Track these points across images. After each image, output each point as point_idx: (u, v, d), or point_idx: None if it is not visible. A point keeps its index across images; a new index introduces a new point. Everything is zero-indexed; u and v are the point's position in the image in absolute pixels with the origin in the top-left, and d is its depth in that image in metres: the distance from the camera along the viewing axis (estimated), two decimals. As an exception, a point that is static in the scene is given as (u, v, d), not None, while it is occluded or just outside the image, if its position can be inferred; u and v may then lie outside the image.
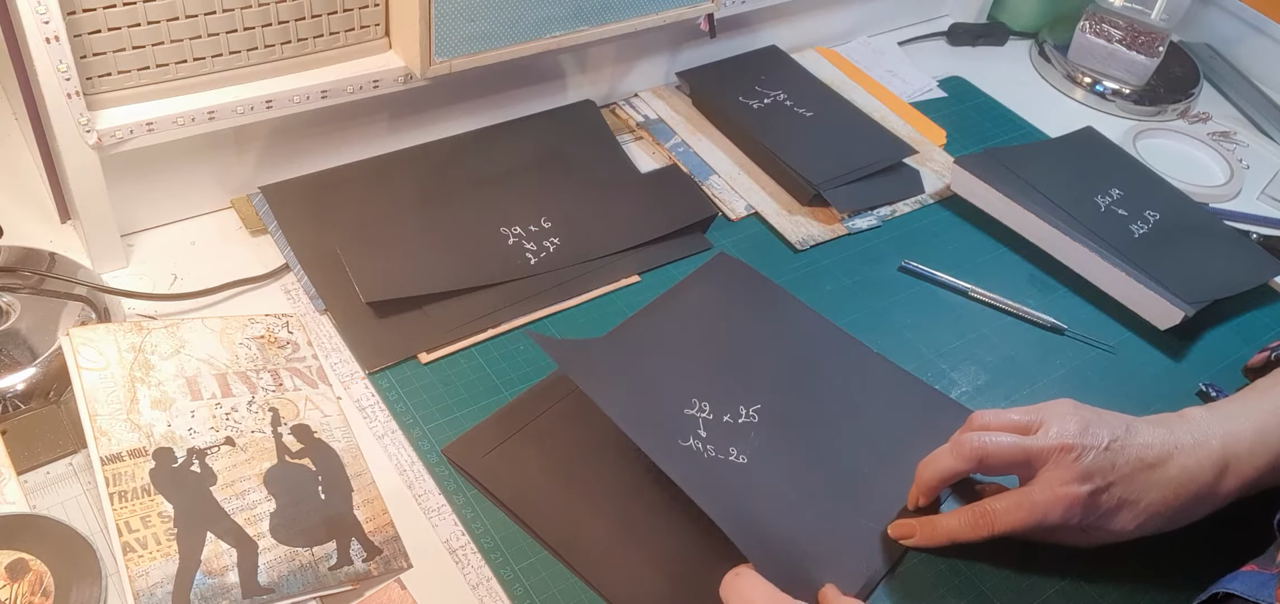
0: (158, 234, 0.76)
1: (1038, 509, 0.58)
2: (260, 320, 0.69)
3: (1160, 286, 0.80)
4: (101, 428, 0.58)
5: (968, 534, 0.60)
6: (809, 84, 1.00)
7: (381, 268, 0.73)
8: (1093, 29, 1.08)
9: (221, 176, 0.77)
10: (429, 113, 0.85)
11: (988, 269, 0.85)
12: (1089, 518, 0.58)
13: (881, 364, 0.74)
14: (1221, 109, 1.11)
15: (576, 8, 0.79)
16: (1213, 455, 0.59)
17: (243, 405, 0.63)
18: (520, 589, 0.59)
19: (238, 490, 0.59)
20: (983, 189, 0.88)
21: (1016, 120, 1.04)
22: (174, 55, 0.69)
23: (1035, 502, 0.58)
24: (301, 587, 0.56)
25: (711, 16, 0.90)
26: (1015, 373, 0.76)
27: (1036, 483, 0.59)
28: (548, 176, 0.84)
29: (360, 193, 0.79)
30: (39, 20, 0.61)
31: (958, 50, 1.14)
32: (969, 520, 0.60)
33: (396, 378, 0.69)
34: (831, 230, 0.86)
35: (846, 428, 0.69)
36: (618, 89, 0.96)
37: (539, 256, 0.77)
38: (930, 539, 0.62)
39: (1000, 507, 0.60)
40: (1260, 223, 0.94)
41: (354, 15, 0.75)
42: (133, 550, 0.54)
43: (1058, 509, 0.58)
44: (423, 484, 0.63)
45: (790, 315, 0.77)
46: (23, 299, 0.66)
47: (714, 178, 0.89)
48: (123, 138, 0.68)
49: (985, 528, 0.60)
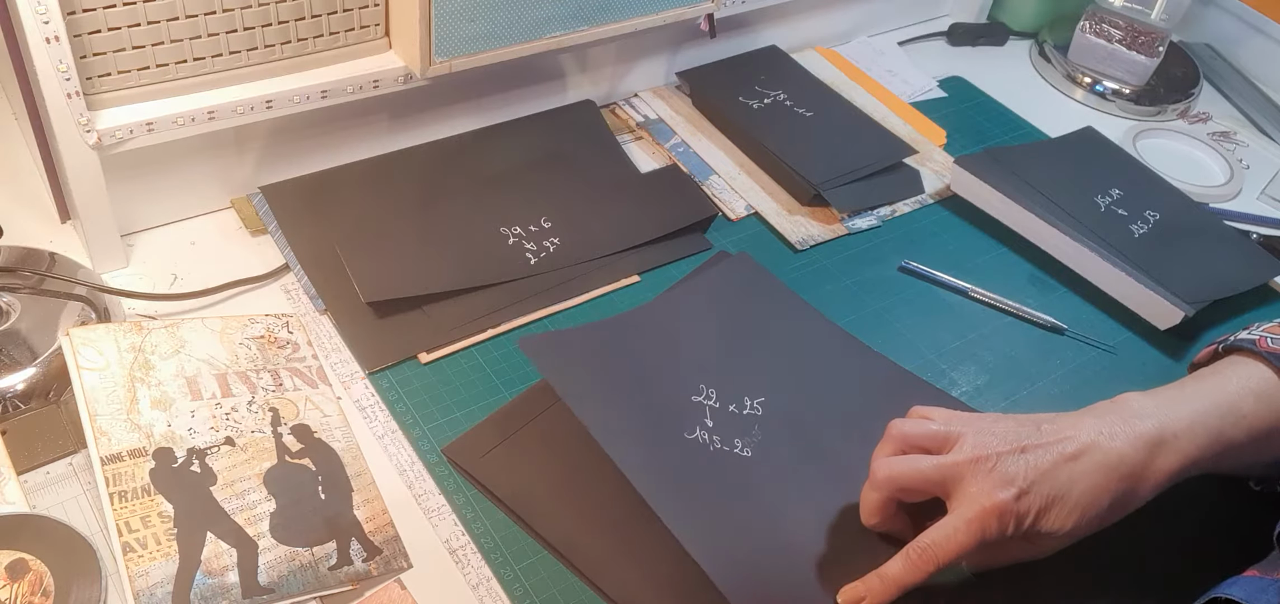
0: (158, 234, 0.76)
1: (973, 528, 0.55)
2: (260, 320, 0.69)
3: (1160, 287, 0.80)
4: (101, 428, 0.58)
5: (914, 576, 0.56)
6: (809, 84, 1.00)
7: (381, 268, 0.73)
8: (1093, 29, 1.08)
9: (221, 176, 0.77)
10: (429, 113, 0.85)
11: (988, 269, 0.85)
12: (1022, 525, 0.56)
13: (884, 364, 0.74)
14: (1221, 109, 1.11)
15: (576, 8, 0.79)
16: (1145, 435, 0.58)
17: (243, 405, 0.63)
18: (520, 589, 0.59)
19: (238, 490, 0.59)
20: (983, 189, 0.88)
21: (1016, 120, 1.04)
22: (174, 55, 0.69)
23: (967, 521, 0.56)
24: (301, 587, 0.56)
25: (711, 16, 0.90)
26: (1015, 373, 0.76)
27: (962, 502, 0.57)
28: (548, 176, 0.84)
29: (360, 193, 0.79)
30: (39, 20, 0.61)
31: (958, 50, 1.14)
32: (912, 561, 0.56)
33: (396, 378, 0.69)
34: (831, 230, 0.86)
35: (848, 425, 0.69)
36: (618, 89, 0.96)
37: (539, 256, 0.77)
38: (882, 595, 0.57)
39: (937, 538, 0.56)
40: (1260, 223, 0.94)
41: (354, 15, 0.75)
42: (133, 550, 0.54)
43: (991, 523, 0.55)
44: (423, 484, 0.63)
45: (796, 314, 0.77)
46: (23, 299, 0.66)
47: (714, 178, 0.89)
48: (123, 138, 0.68)
49: (929, 562, 0.56)
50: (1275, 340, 0.63)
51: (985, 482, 0.56)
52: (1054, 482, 0.57)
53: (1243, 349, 0.64)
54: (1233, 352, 0.65)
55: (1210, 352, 0.67)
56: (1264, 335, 0.64)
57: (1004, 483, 0.56)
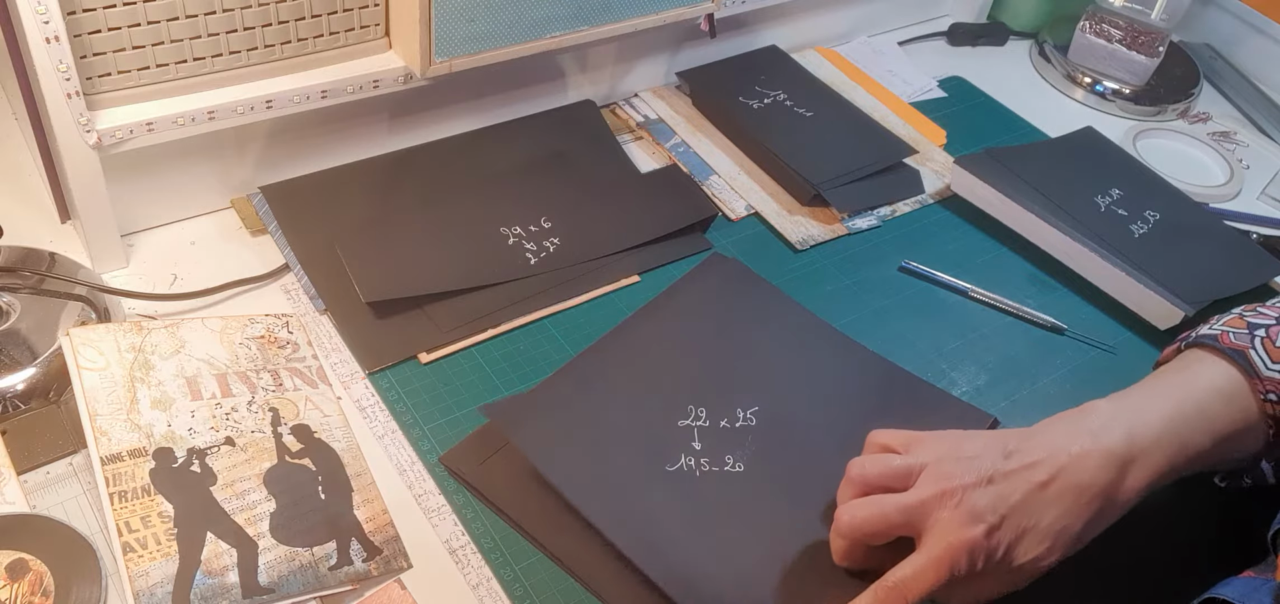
0: (158, 234, 0.76)
1: (941, 565, 0.53)
2: (260, 320, 0.69)
3: (1160, 286, 0.80)
4: (101, 428, 0.58)
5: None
6: (809, 84, 1.00)
7: (381, 268, 0.73)
8: (1093, 29, 1.08)
9: (221, 176, 0.77)
10: (429, 113, 0.85)
11: (988, 269, 0.85)
12: (993, 559, 0.54)
13: (879, 363, 0.74)
14: (1221, 109, 1.11)
15: (576, 8, 0.79)
16: (1114, 452, 0.56)
17: (243, 405, 0.63)
18: (520, 589, 0.59)
19: (238, 490, 0.59)
20: (983, 189, 0.88)
21: (1016, 120, 1.04)
22: (174, 55, 0.69)
23: (936, 559, 0.53)
24: (301, 587, 0.56)
25: (711, 16, 0.90)
26: (1015, 373, 0.76)
27: (930, 537, 0.54)
28: (548, 176, 0.84)
29: (360, 193, 0.79)
30: (39, 20, 0.61)
31: (958, 50, 1.14)
32: (880, 598, 0.54)
33: (396, 378, 0.69)
34: (831, 230, 0.86)
35: (845, 428, 0.68)
36: (618, 89, 0.96)
37: (539, 256, 0.77)
38: None
39: (906, 575, 0.54)
40: (1260, 223, 0.94)
41: (354, 15, 0.75)
42: (133, 550, 0.54)
43: (960, 559, 0.53)
44: (423, 484, 0.63)
45: (785, 314, 0.76)
46: (23, 299, 0.66)
47: (714, 178, 0.89)
48: (123, 138, 0.68)
49: (898, 601, 0.54)
50: (1238, 335, 0.62)
51: (952, 517, 0.54)
52: (1025, 513, 0.55)
53: (1205, 345, 0.63)
54: (1196, 347, 0.64)
55: (1174, 349, 0.66)
56: (1226, 330, 0.63)
57: (972, 518, 0.54)
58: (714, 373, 0.70)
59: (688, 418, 0.67)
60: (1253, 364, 0.60)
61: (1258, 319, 0.63)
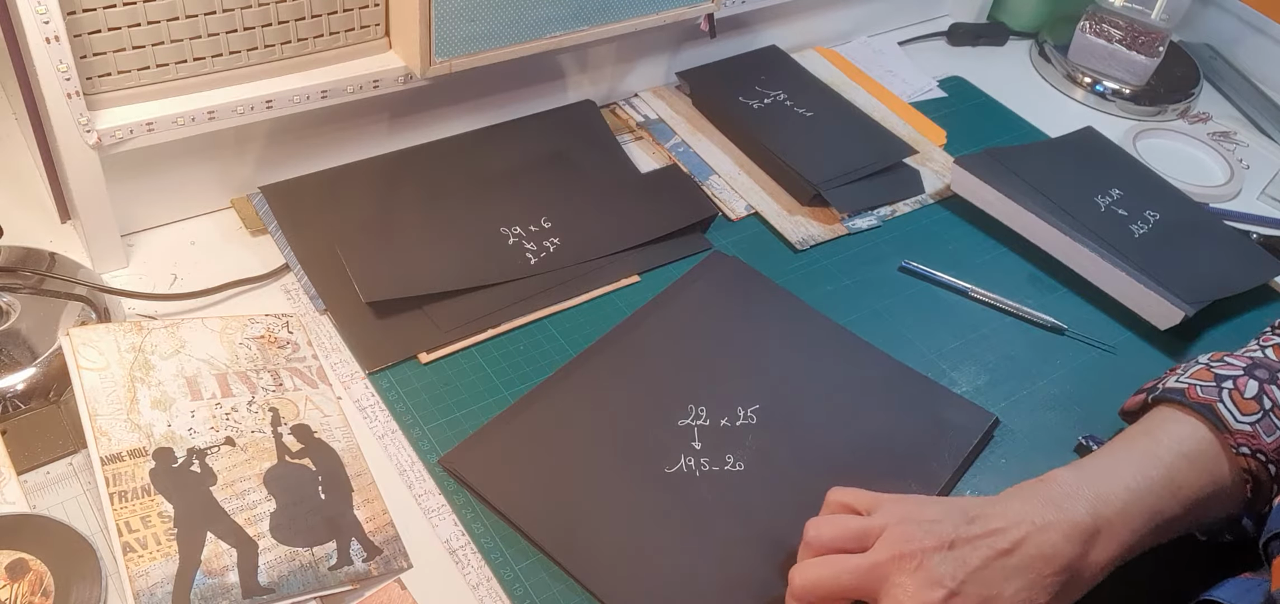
0: (158, 234, 0.76)
1: None
2: (260, 320, 0.69)
3: (1160, 287, 0.80)
4: (101, 428, 0.58)
5: None
6: (809, 84, 1.00)
7: (381, 268, 0.73)
8: (1093, 29, 1.08)
9: (221, 176, 0.77)
10: (429, 113, 0.85)
11: (988, 269, 0.85)
12: None
13: (880, 358, 0.74)
14: (1221, 109, 1.11)
15: (576, 8, 0.79)
16: (1080, 526, 0.54)
17: (243, 405, 0.63)
18: (520, 589, 0.59)
19: (238, 490, 0.59)
20: (983, 189, 0.88)
21: (1016, 120, 1.04)
22: (174, 55, 0.69)
23: None
24: (301, 587, 0.56)
25: (711, 16, 0.90)
26: (1015, 373, 0.76)
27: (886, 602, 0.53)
28: (548, 176, 0.84)
29: (360, 193, 0.79)
30: (39, 20, 0.61)
31: (958, 50, 1.14)
32: None
33: (396, 378, 0.69)
34: (831, 230, 0.86)
35: (847, 424, 0.69)
36: (618, 89, 0.96)
37: (539, 256, 0.77)
38: None
39: None
40: (1260, 223, 0.94)
41: (354, 15, 0.75)
42: (133, 550, 0.54)
43: None
44: (423, 484, 0.63)
45: (786, 311, 0.77)
46: (23, 299, 0.66)
47: (714, 178, 0.89)
48: (123, 138, 0.68)
49: None
50: (1205, 388, 0.60)
51: (912, 579, 0.52)
52: (986, 581, 0.52)
53: (1171, 401, 0.61)
54: (1162, 402, 0.62)
55: (1139, 400, 0.64)
56: (1192, 383, 0.61)
57: (931, 584, 0.52)
58: (714, 372, 0.70)
59: (688, 417, 0.67)
60: (1222, 418, 0.59)
61: (1224, 370, 0.61)
